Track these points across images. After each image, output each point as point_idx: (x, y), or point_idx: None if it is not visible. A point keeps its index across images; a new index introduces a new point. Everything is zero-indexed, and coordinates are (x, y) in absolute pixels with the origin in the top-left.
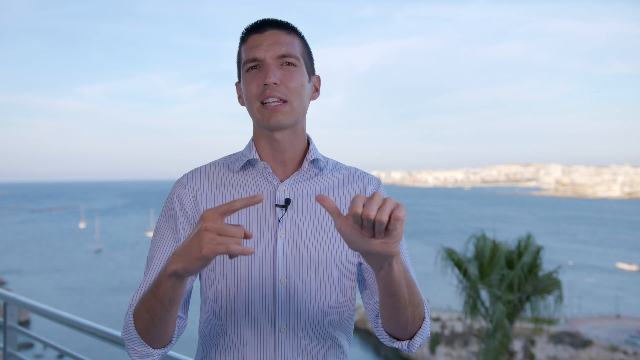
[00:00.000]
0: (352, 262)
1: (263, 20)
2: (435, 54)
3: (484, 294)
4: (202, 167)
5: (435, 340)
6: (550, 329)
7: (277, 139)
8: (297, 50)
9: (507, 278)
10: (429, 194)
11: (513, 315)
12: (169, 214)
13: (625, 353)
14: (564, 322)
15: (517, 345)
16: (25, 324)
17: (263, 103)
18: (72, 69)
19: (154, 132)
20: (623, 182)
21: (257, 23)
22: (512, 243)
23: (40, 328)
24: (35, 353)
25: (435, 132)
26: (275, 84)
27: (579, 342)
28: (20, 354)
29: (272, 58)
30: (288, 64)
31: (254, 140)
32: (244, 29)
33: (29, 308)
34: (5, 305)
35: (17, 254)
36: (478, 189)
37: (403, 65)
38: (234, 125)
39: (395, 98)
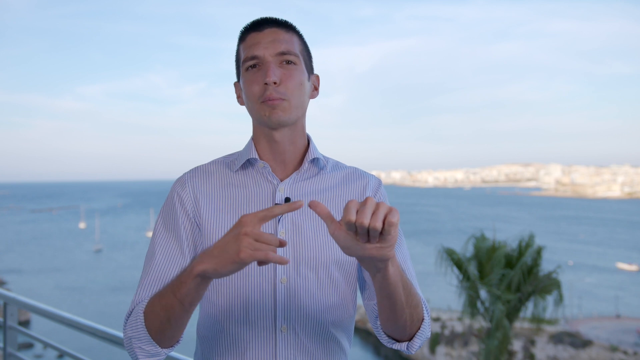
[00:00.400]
0: (351, 262)
1: (261, 19)
2: (435, 54)
3: (484, 294)
4: (202, 165)
5: (435, 340)
6: (550, 329)
7: (276, 139)
8: (296, 48)
9: (506, 278)
10: (429, 194)
11: (513, 315)
12: (170, 213)
13: (625, 353)
14: (564, 322)
15: (517, 345)
16: (25, 324)
17: (263, 102)
18: (72, 69)
19: (154, 132)
20: (623, 182)
21: (255, 21)
22: (512, 243)
23: (40, 328)
24: (35, 353)
25: (435, 132)
26: (275, 84)
27: (579, 342)
28: (20, 354)
29: (271, 56)
30: (287, 62)
31: (254, 140)
32: (243, 28)
33: (29, 308)
34: (5, 305)
35: (17, 254)
36: (478, 189)
37: (403, 65)
38: (234, 125)
39: (395, 98)
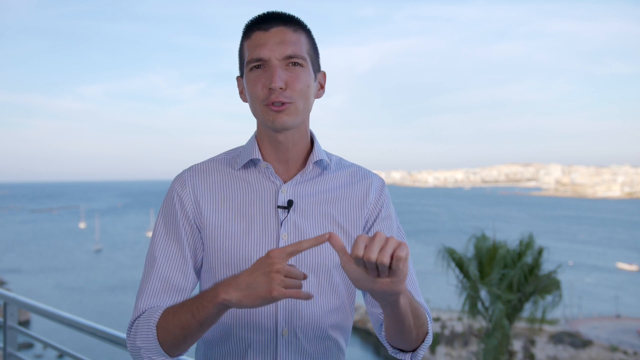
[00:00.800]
0: None
1: (268, 14)
2: (435, 54)
3: (484, 294)
4: (201, 163)
5: (435, 340)
6: (550, 329)
7: (280, 140)
8: (303, 50)
9: (507, 278)
10: (429, 194)
11: (513, 315)
12: (170, 214)
13: (625, 353)
14: (564, 322)
15: (517, 345)
16: (25, 324)
17: (267, 105)
18: (72, 69)
19: (154, 132)
20: (623, 182)
21: (261, 17)
22: (512, 243)
23: (40, 328)
24: (35, 353)
25: (435, 132)
26: (281, 89)
27: (579, 342)
28: (20, 354)
29: (277, 59)
30: (294, 64)
31: (257, 139)
32: (248, 22)
33: (29, 308)
34: (5, 305)
35: (17, 254)
36: (478, 189)
37: (403, 65)
38: (234, 125)
39: (395, 98)
